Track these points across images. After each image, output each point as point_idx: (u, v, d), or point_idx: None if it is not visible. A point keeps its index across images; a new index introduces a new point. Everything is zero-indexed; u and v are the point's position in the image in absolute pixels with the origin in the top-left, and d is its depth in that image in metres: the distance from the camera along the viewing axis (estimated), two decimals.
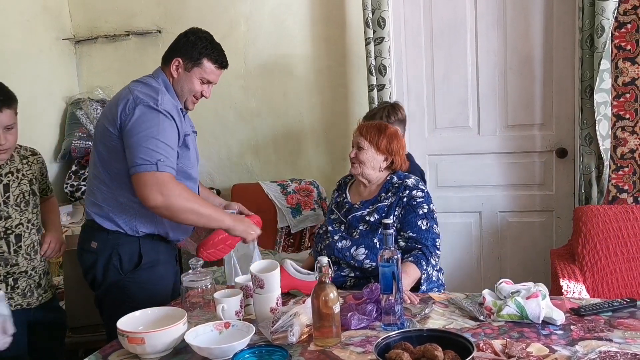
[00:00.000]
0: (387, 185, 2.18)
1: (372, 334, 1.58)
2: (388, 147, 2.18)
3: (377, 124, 2.25)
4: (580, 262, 2.53)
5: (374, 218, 2.13)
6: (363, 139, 2.18)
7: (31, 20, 3.24)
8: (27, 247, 2.09)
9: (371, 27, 2.93)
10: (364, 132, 2.20)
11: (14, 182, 2.08)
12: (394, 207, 2.12)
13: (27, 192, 2.11)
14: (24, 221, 2.08)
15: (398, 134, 2.24)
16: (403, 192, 2.14)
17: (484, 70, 3.05)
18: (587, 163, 2.74)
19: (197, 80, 2.04)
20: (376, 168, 2.19)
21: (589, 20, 2.62)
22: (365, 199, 2.21)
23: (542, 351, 1.40)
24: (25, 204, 2.10)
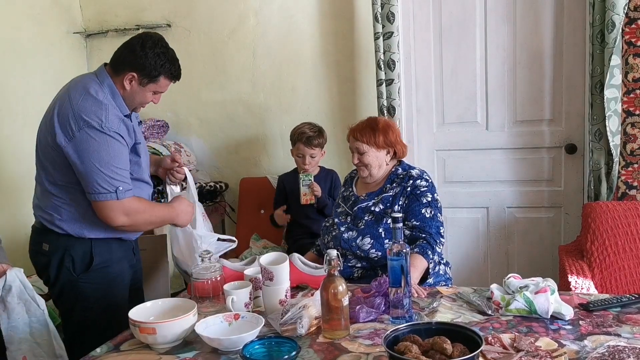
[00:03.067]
0: (392, 177, 2.21)
1: (380, 326, 1.59)
2: (386, 141, 2.20)
3: (367, 123, 2.26)
4: (588, 258, 2.52)
5: (379, 208, 2.16)
6: (360, 143, 2.20)
7: (42, 13, 3.25)
8: None
9: (380, 21, 2.93)
10: (359, 135, 2.21)
11: None
12: (399, 197, 2.15)
13: None
14: None
15: (390, 123, 2.27)
16: (407, 182, 2.17)
17: (492, 66, 3.04)
18: (596, 159, 2.73)
19: (150, 93, 1.99)
20: (382, 165, 2.22)
21: (599, 16, 2.61)
22: (371, 191, 2.23)
23: (551, 345, 1.40)
24: None
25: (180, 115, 3.53)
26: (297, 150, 2.92)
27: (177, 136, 3.51)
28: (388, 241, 2.09)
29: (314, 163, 2.90)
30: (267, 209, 3.31)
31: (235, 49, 3.37)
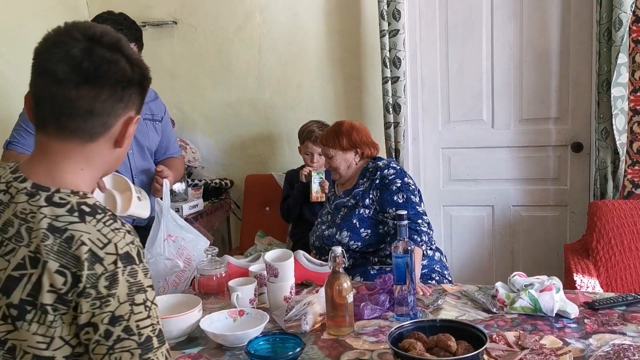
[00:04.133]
0: (364, 172, 2.26)
1: (385, 324, 1.59)
2: (350, 142, 2.26)
3: (332, 128, 2.35)
4: (594, 257, 2.51)
5: (351, 203, 2.22)
6: (327, 148, 2.29)
7: (48, 10, 3.26)
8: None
9: (386, 19, 2.92)
10: (324, 141, 2.31)
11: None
12: (369, 191, 2.19)
13: None
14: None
15: (354, 125, 2.31)
16: (376, 174, 2.21)
17: (499, 64, 3.03)
18: (602, 158, 2.72)
19: None
20: (351, 165, 2.28)
21: (606, 14, 2.59)
22: (347, 189, 2.29)
23: (556, 344, 1.40)
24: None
25: (185, 112, 3.54)
26: (305, 148, 2.93)
27: (182, 133, 3.52)
28: (364, 230, 2.14)
29: (321, 161, 2.91)
30: (273, 206, 3.31)
31: (241, 46, 3.38)
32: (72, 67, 0.93)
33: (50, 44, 0.94)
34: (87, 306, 0.88)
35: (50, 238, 0.89)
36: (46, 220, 0.91)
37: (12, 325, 0.90)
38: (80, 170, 0.99)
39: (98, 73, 0.94)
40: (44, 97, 0.95)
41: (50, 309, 0.88)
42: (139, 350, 0.90)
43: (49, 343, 0.89)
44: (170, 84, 3.48)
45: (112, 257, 0.90)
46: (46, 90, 0.94)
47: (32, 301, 0.89)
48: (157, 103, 2.34)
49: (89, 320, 0.89)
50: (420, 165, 3.22)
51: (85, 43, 0.94)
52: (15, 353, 0.90)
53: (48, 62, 0.93)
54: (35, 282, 0.89)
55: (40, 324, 0.89)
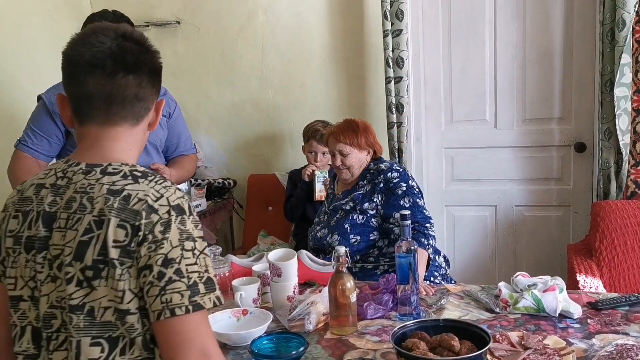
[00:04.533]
0: (365, 173, 2.23)
1: (388, 323, 1.59)
2: (367, 142, 2.23)
3: (347, 125, 2.27)
4: (597, 257, 2.51)
5: (349, 206, 2.18)
6: (343, 145, 2.21)
7: (52, 10, 3.27)
8: None
9: (389, 19, 2.92)
10: (341, 137, 2.22)
11: None
12: (369, 194, 2.16)
13: None
14: None
15: (367, 124, 2.30)
16: (378, 177, 2.17)
17: (502, 63, 3.03)
18: (606, 158, 2.72)
19: None
20: (362, 165, 2.25)
21: (610, 14, 2.59)
22: (346, 189, 2.26)
23: (559, 344, 1.40)
24: None
25: (189, 112, 3.54)
26: (309, 146, 2.93)
27: None
28: (353, 236, 2.12)
29: (325, 161, 2.91)
30: (275, 205, 3.32)
31: (244, 46, 3.38)
32: (116, 61, 1.04)
33: (88, 44, 1.05)
34: (145, 250, 0.97)
35: (111, 199, 0.99)
36: (105, 186, 1.01)
37: (88, 288, 0.98)
38: (128, 150, 1.10)
39: (138, 63, 1.07)
40: (94, 92, 1.05)
41: (117, 263, 0.97)
42: (188, 292, 0.97)
43: (122, 297, 0.98)
44: (174, 84, 3.48)
45: (165, 207, 1.00)
46: (97, 84, 1.04)
47: (103, 259, 0.98)
48: (165, 98, 2.34)
49: (145, 263, 0.97)
50: (423, 165, 3.22)
51: (121, 40, 1.06)
52: (95, 313, 0.99)
53: (94, 59, 1.04)
54: (102, 240, 0.98)
55: (113, 279, 0.97)
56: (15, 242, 1.07)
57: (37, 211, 1.05)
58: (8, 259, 1.08)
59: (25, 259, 1.05)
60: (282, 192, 3.24)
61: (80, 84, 1.06)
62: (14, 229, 1.07)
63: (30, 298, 1.06)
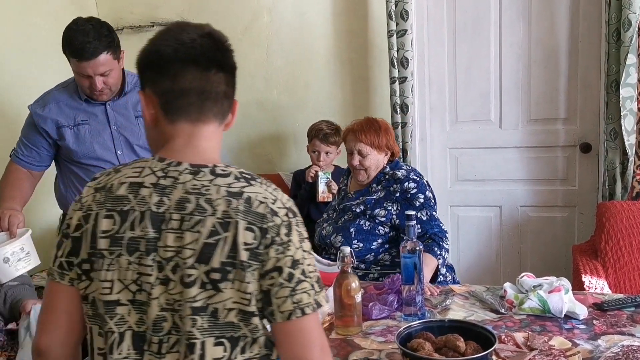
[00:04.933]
0: (380, 176, 2.19)
1: (393, 324, 1.59)
2: (388, 143, 2.18)
3: (368, 124, 2.20)
4: (602, 258, 2.50)
5: (359, 209, 2.15)
6: (364, 145, 2.15)
7: (58, 11, 3.28)
8: None
9: (394, 19, 2.92)
10: (363, 137, 2.15)
11: None
12: (382, 201, 2.12)
13: None
14: None
15: (388, 124, 2.26)
16: (394, 185, 2.12)
17: (507, 64, 3.02)
18: (611, 158, 2.71)
19: (79, 75, 2.05)
20: (379, 167, 2.20)
21: (615, 14, 2.58)
22: (359, 189, 2.23)
23: (565, 345, 1.40)
24: None
25: None
26: (312, 146, 2.93)
27: None
28: (357, 242, 2.10)
29: (328, 160, 2.91)
30: None
31: (248, 46, 3.38)
32: (209, 58, 1.05)
33: (180, 40, 1.04)
34: (273, 252, 0.99)
35: (233, 201, 0.99)
36: (222, 188, 1.00)
37: (213, 290, 0.98)
38: (217, 150, 1.10)
39: (226, 61, 1.09)
40: (189, 87, 1.04)
41: (246, 265, 0.98)
42: (312, 291, 1.01)
43: (249, 299, 0.99)
44: None
45: (283, 210, 1.03)
46: (193, 79, 1.04)
47: (231, 262, 0.97)
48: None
49: (274, 265, 0.99)
50: (427, 165, 3.22)
51: (208, 38, 1.07)
52: (218, 314, 0.98)
53: (189, 54, 1.04)
54: (231, 242, 0.97)
55: (241, 282, 0.98)
56: (112, 243, 1.01)
57: (141, 211, 1.00)
58: (101, 261, 1.01)
59: (127, 261, 1.00)
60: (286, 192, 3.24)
61: (174, 79, 1.04)
62: (110, 229, 1.01)
63: (131, 302, 1.01)
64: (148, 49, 1.08)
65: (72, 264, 1.04)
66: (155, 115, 1.07)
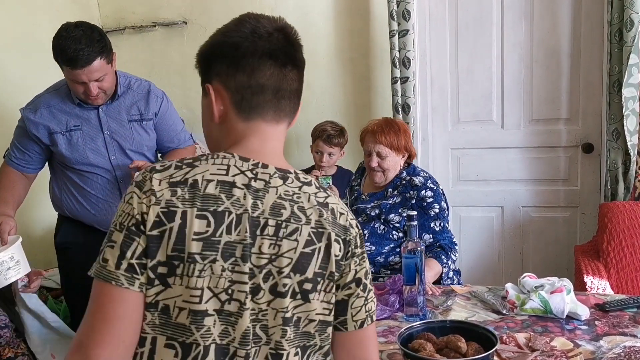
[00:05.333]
0: (396, 181, 2.15)
1: (394, 324, 1.59)
2: (407, 145, 2.14)
3: (387, 124, 2.16)
4: (604, 258, 2.50)
5: (374, 213, 2.12)
6: (383, 146, 2.11)
7: (60, 10, 3.28)
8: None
9: (396, 19, 2.92)
10: (382, 138, 2.11)
11: None
12: (398, 206, 2.09)
13: None
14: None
15: (405, 125, 2.23)
16: (410, 191, 2.09)
17: (509, 64, 3.02)
18: (613, 159, 2.71)
19: (72, 82, 2.01)
20: (397, 169, 2.17)
21: (618, 14, 2.58)
22: (374, 192, 2.19)
23: (567, 345, 1.40)
24: None
25: (196, 111, 3.54)
26: (316, 146, 2.93)
27: (193, 133, 3.52)
28: (369, 245, 2.08)
29: (331, 162, 2.91)
30: None
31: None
32: (287, 53, 1.00)
33: (257, 34, 0.99)
34: (353, 264, 1.00)
35: (324, 212, 0.98)
36: (312, 197, 0.98)
37: (302, 300, 0.96)
38: (281, 148, 1.05)
39: (300, 58, 1.03)
40: (266, 83, 0.98)
41: (335, 276, 0.98)
42: (375, 299, 1.06)
43: (331, 309, 0.99)
44: (181, 84, 3.50)
45: (354, 222, 1.04)
46: (271, 75, 0.98)
47: (322, 272, 0.96)
48: (147, 101, 2.20)
49: (353, 277, 1.01)
50: (429, 165, 3.21)
51: (282, 33, 1.01)
52: (300, 324, 0.97)
53: (267, 49, 0.98)
54: (324, 253, 0.97)
55: (326, 292, 0.98)
56: (206, 247, 0.90)
57: (237, 214, 0.92)
58: (192, 266, 0.90)
59: (221, 267, 0.91)
60: None
61: (251, 74, 0.97)
62: (204, 231, 0.90)
63: (217, 312, 0.92)
64: (220, 40, 1.02)
65: (144, 267, 0.90)
66: (224, 112, 1.00)
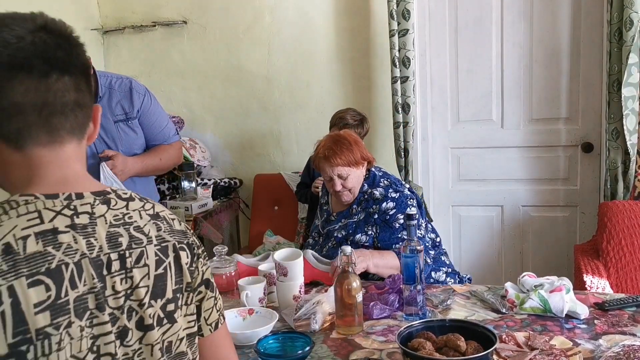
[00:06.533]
0: (359, 196, 2.04)
1: (394, 323, 1.59)
2: (363, 155, 2.01)
3: (338, 143, 2.00)
4: (604, 257, 2.50)
5: (341, 235, 2.04)
6: (341, 167, 1.97)
7: (61, 10, 3.28)
8: None
9: (396, 18, 2.92)
10: (337, 160, 1.96)
11: None
12: (363, 224, 2.00)
13: None
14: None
15: (354, 136, 2.07)
16: (373, 206, 1.99)
17: (508, 63, 3.02)
18: (613, 158, 2.71)
19: None
20: (361, 180, 2.05)
21: (617, 14, 2.58)
22: (341, 210, 2.09)
23: (566, 344, 1.40)
24: None
25: (195, 111, 3.55)
26: None
27: (192, 132, 3.54)
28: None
29: None
30: (281, 205, 3.33)
31: (250, 45, 3.39)
32: (46, 59, 0.81)
33: (2, 41, 0.80)
34: (200, 266, 0.95)
35: (160, 223, 0.90)
36: (143, 212, 0.89)
37: (169, 323, 0.88)
38: (85, 170, 0.90)
39: (71, 60, 0.84)
40: (22, 103, 0.80)
41: (189, 287, 0.92)
42: (219, 296, 1.01)
43: (194, 319, 0.94)
44: (180, 83, 3.50)
45: (183, 223, 0.98)
46: (26, 91, 0.80)
47: (179, 287, 0.90)
48: (130, 99, 2.12)
49: (202, 278, 0.95)
50: (429, 165, 3.22)
51: (43, 32, 0.83)
52: (172, 347, 0.89)
53: (15, 58, 0.79)
54: (175, 266, 0.90)
55: (188, 305, 0.92)
56: (56, 314, 0.75)
57: (75, 262, 0.78)
58: (45, 343, 0.73)
59: (79, 328, 0.77)
60: (288, 192, 3.25)
61: (1, 93, 0.79)
62: (45, 298, 0.74)
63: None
64: None
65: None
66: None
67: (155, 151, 2.18)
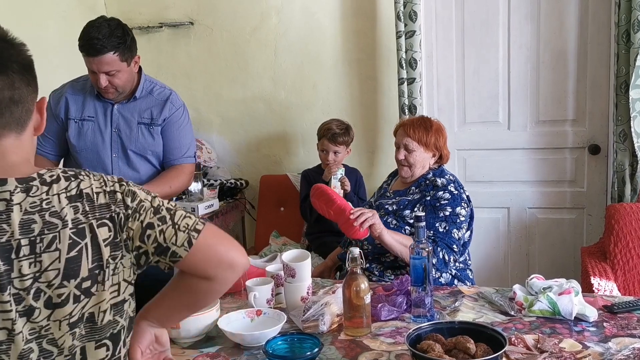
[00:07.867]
0: (421, 180, 2.15)
1: (402, 325, 1.59)
2: (437, 144, 2.14)
3: (421, 120, 2.19)
4: (611, 260, 2.49)
5: (392, 208, 2.12)
6: (411, 140, 2.12)
7: (67, 11, 3.29)
8: None
9: (402, 20, 2.92)
10: (411, 131, 2.13)
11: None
12: (414, 203, 2.08)
13: None
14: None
15: (441, 126, 2.21)
16: (430, 191, 2.08)
17: (515, 65, 3.02)
18: (620, 160, 2.70)
19: (89, 70, 2.11)
20: (425, 167, 2.16)
21: (625, 15, 2.57)
22: (399, 189, 2.20)
23: (575, 347, 1.39)
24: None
25: (201, 112, 3.56)
26: (321, 145, 2.92)
27: (198, 133, 3.54)
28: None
29: (337, 160, 2.90)
30: (287, 206, 3.32)
31: (257, 46, 3.39)
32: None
33: None
34: (133, 223, 1.00)
35: (79, 204, 0.95)
36: (63, 195, 0.95)
37: (87, 297, 0.96)
38: (29, 162, 0.99)
39: (3, 61, 0.93)
40: None
41: (111, 260, 0.98)
42: (184, 214, 1.07)
43: (118, 289, 1.00)
44: (187, 84, 3.51)
45: (115, 181, 1.02)
46: None
47: (98, 264, 0.96)
48: (162, 108, 2.22)
49: (142, 228, 1.00)
50: None
51: None
52: (96, 318, 0.98)
53: None
54: (92, 247, 0.95)
55: (112, 275, 0.98)
56: None
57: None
58: None
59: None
60: (294, 193, 3.25)
61: None
62: None
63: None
64: None
65: None
66: None
67: (166, 178, 2.22)
